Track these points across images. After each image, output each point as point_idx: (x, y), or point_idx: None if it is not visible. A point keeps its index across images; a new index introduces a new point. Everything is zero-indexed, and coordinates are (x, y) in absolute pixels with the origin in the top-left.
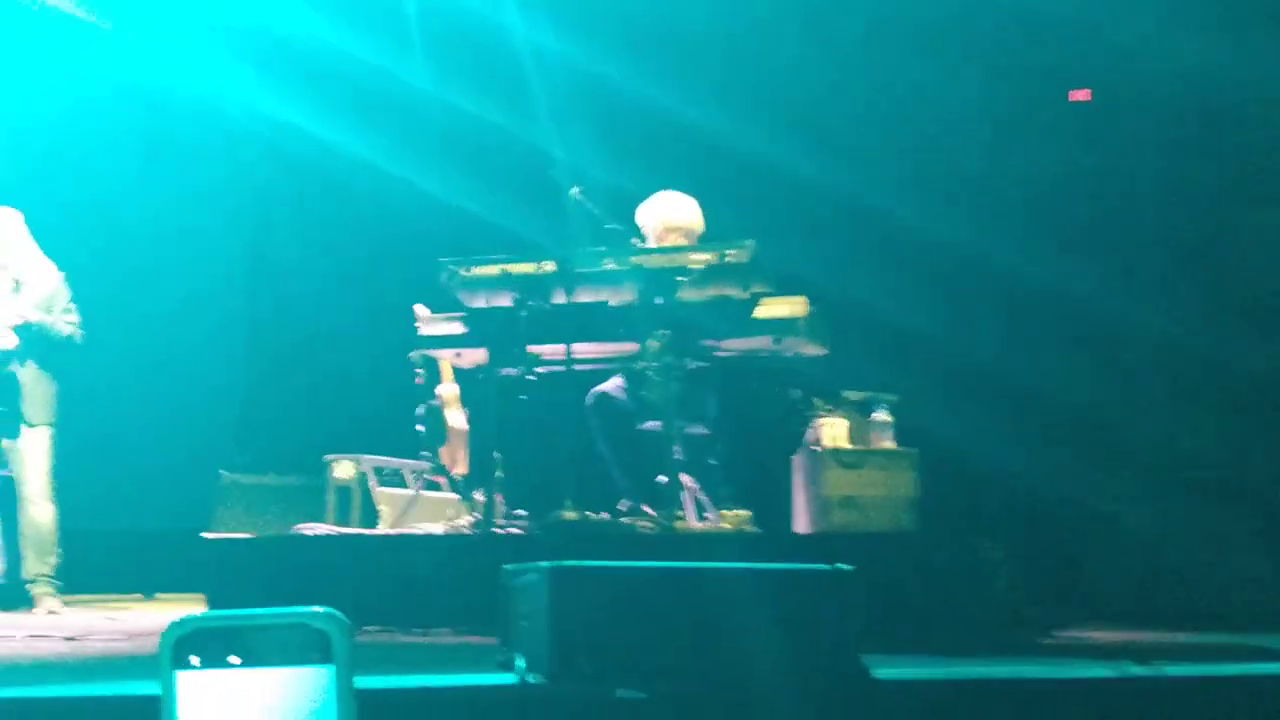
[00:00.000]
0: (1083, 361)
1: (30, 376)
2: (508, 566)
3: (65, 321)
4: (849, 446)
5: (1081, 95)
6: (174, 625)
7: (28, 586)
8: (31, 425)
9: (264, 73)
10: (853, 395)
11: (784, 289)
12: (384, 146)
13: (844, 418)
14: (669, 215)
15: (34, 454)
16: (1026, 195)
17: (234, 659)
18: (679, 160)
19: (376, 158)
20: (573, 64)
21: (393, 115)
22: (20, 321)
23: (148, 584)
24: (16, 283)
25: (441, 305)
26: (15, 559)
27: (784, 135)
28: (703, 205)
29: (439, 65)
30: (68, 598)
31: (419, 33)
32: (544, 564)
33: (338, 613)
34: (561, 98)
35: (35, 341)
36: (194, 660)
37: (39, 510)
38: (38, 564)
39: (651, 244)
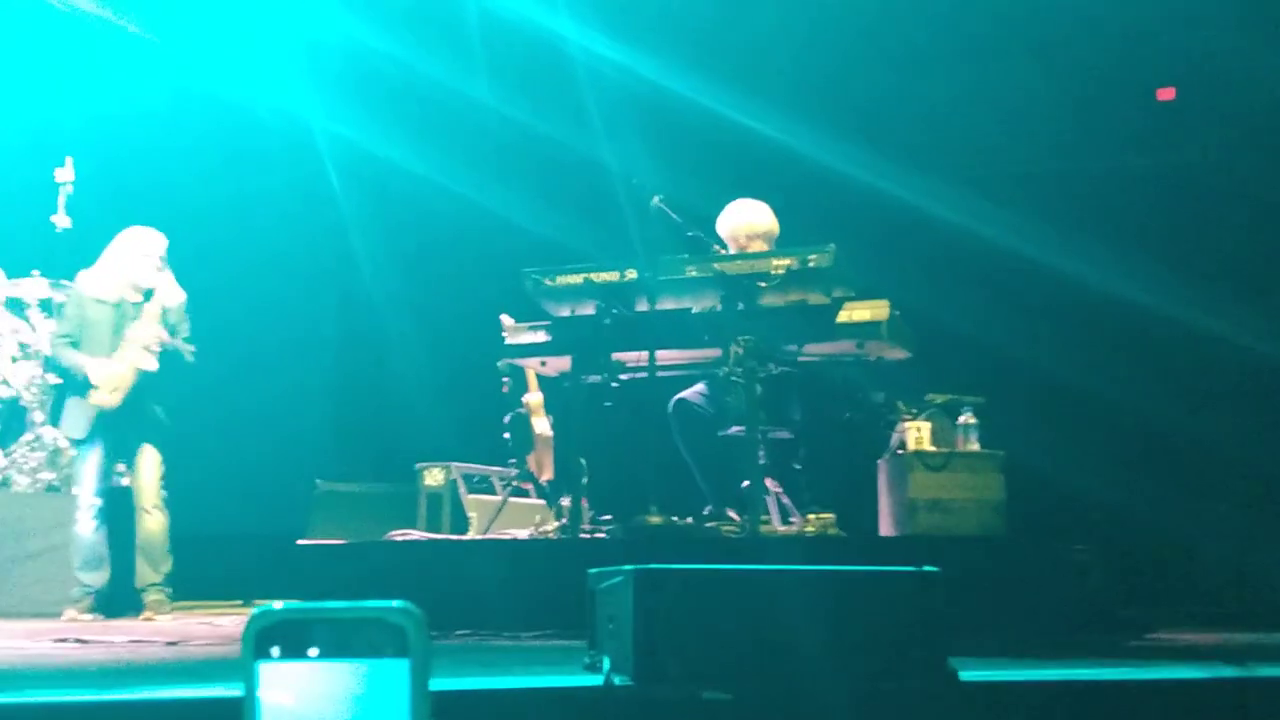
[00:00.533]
0: (1171, 372)
1: (149, 388)
2: (593, 570)
3: (187, 344)
4: (934, 449)
5: (1167, 94)
6: (256, 617)
7: (141, 595)
8: (150, 434)
9: (350, 99)
10: (937, 398)
11: (866, 294)
12: (465, 163)
13: (928, 421)
14: (748, 221)
15: (149, 464)
16: (1108, 200)
17: (313, 651)
18: (747, 171)
19: (460, 174)
20: (637, 79)
21: (472, 135)
22: (158, 345)
23: (246, 591)
24: (146, 293)
25: (526, 314)
26: (121, 567)
27: (855, 143)
28: (778, 216)
29: (524, 91)
30: (171, 604)
31: (486, 56)
32: (629, 567)
33: (413, 607)
34: (627, 114)
35: (165, 365)
36: (275, 651)
37: (153, 519)
38: (151, 572)
39: (732, 251)
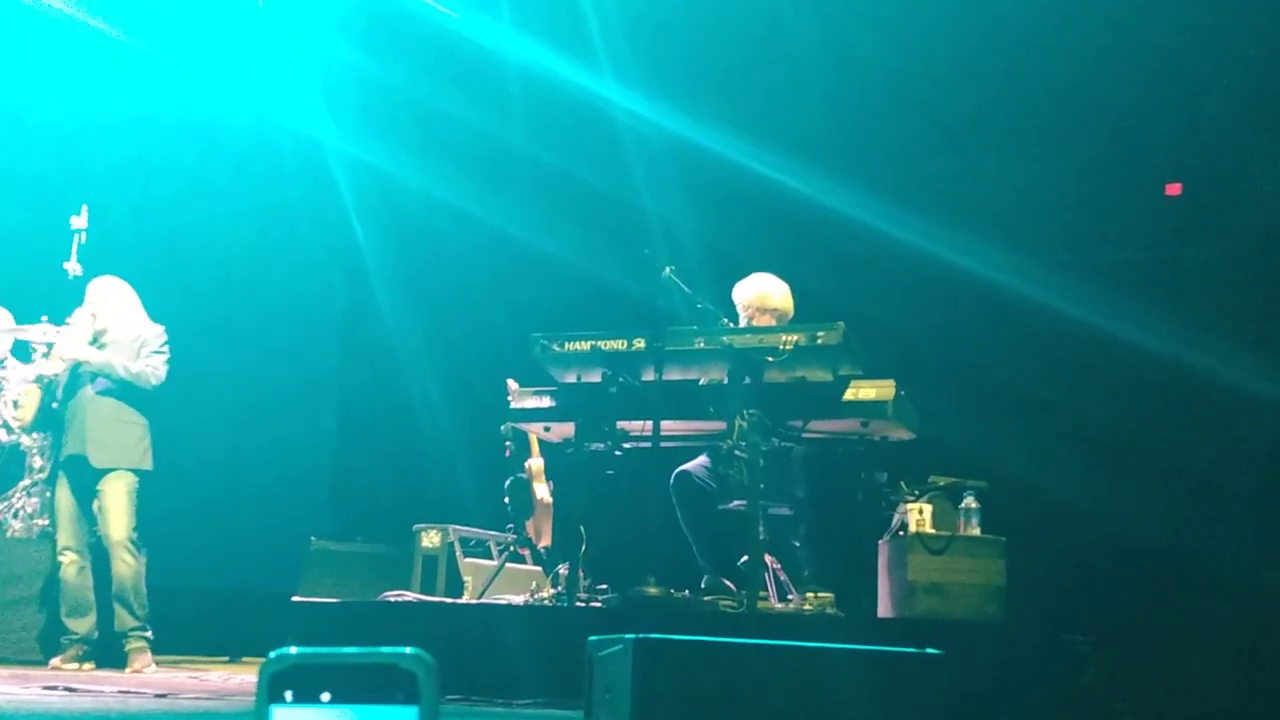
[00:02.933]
0: (1169, 473)
1: (102, 421)
2: (593, 638)
3: (143, 363)
4: (935, 532)
5: (1174, 190)
6: (270, 661)
7: (122, 643)
8: (103, 470)
9: (375, 148)
10: (940, 481)
11: (873, 372)
12: (474, 222)
13: (930, 503)
14: (762, 294)
15: (115, 500)
16: (1114, 291)
17: (325, 696)
18: (772, 228)
19: (468, 234)
20: (671, 135)
21: (484, 190)
22: (72, 357)
23: (233, 646)
24: (96, 334)
25: (532, 379)
26: (106, 614)
27: (882, 213)
28: (795, 279)
29: (541, 141)
30: (155, 656)
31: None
32: (629, 636)
33: (425, 654)
34: (660, 168)
35: (116, 385)
36: (288, 695)
37: (123, 563)
38: (128, 617)
39: (743, 323)
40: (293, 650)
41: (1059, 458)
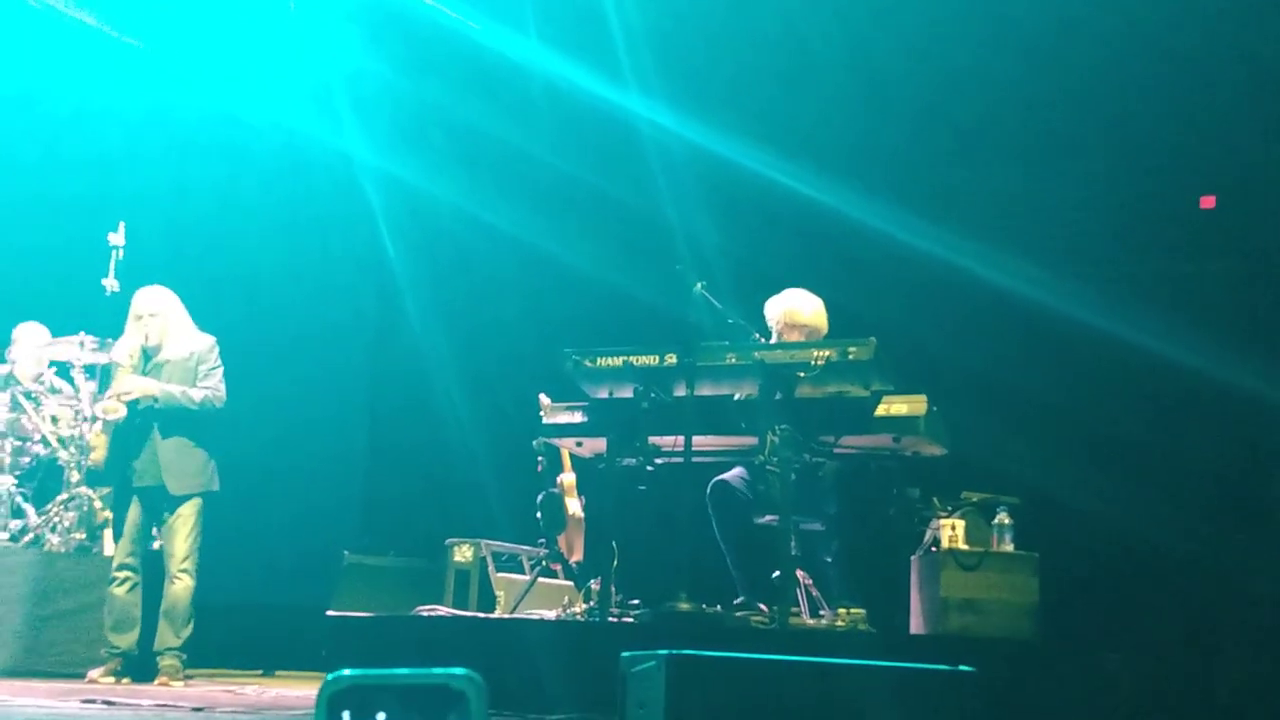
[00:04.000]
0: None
1: (173, 448)
2: (625, 654)
3: (203, 388)
4: (968, 548)
5: (1209, 202)
6: (329, 682)
7: (157, 658)
8: (181, 497)
9: (408, 166)
10: (973, 497)
11: (904, 388)
12: (505, 238)
13: (963, 519)
14: (794, 313)
15: (182, 527)
16: (1146, 305)
17: (380, 715)
18: (801, 241)
19: (499, 250)
20: (698, 149)
21: (515, 206)
22: (134, 395)
23: (267, 660)
24: (146, 351)
25: (564, 394)
26: (151, 631)
27: (912, 226)
28: (825, 292)
29: (569, 155)
30: (189, 670)
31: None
32: (662, 652)
33: (476, 675)
34: (688, 182)
35: (168, 414)
36: (345, 716)
37: (181, 583)
38: (171, 637)
39: (775, 339)
40: (348, 672)
41: (1092, 474)
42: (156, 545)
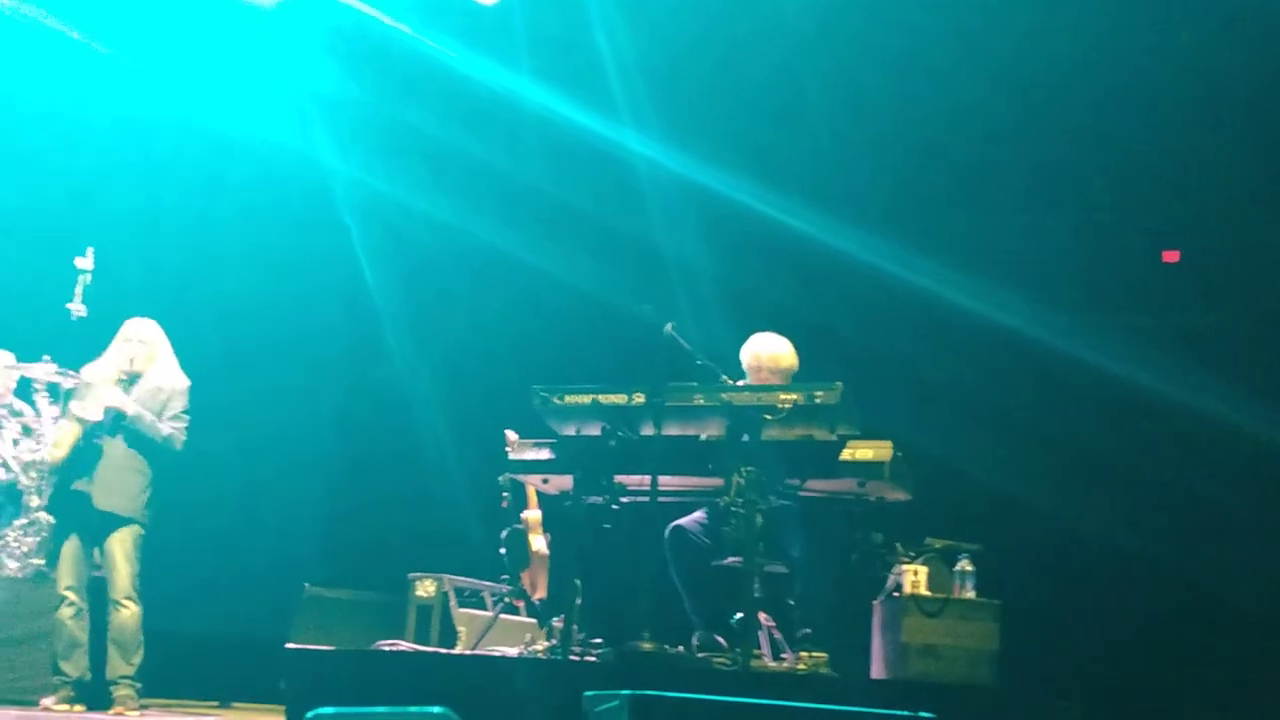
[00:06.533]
0: (1168, 524)
1: (115, 465)
2: (589, 694)
3: (171, 425)
4: (930, 594)
5: (1172, 256)
6: (309, 718)
7: (110, 688)
8: (120, 519)
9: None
10: (936, 543)
11: (870, 433)
12: (481, 267)
13: (926, 565)
14: (776, 356)
15: (121, 553)
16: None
17: None
18: (785, 272)
19: (474, 280)
20: (684, 180)
21: (494, 233)
22: (115, 405)
23: (224, 691)
24: (131, 376)
25: (532, 431)
26: (98, 658)
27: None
28: (804, 323)
29: (552, 183)
30: (145, 700)
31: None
32: (625, 692)
33: (452, 713)
34: (673, 212)
35: (129, 430)
36: None
37: (127, 610)
38: (122, 664)
39: (750, 379)
40: (328, 711)
41: (1056, 522)
42: (99, 573)
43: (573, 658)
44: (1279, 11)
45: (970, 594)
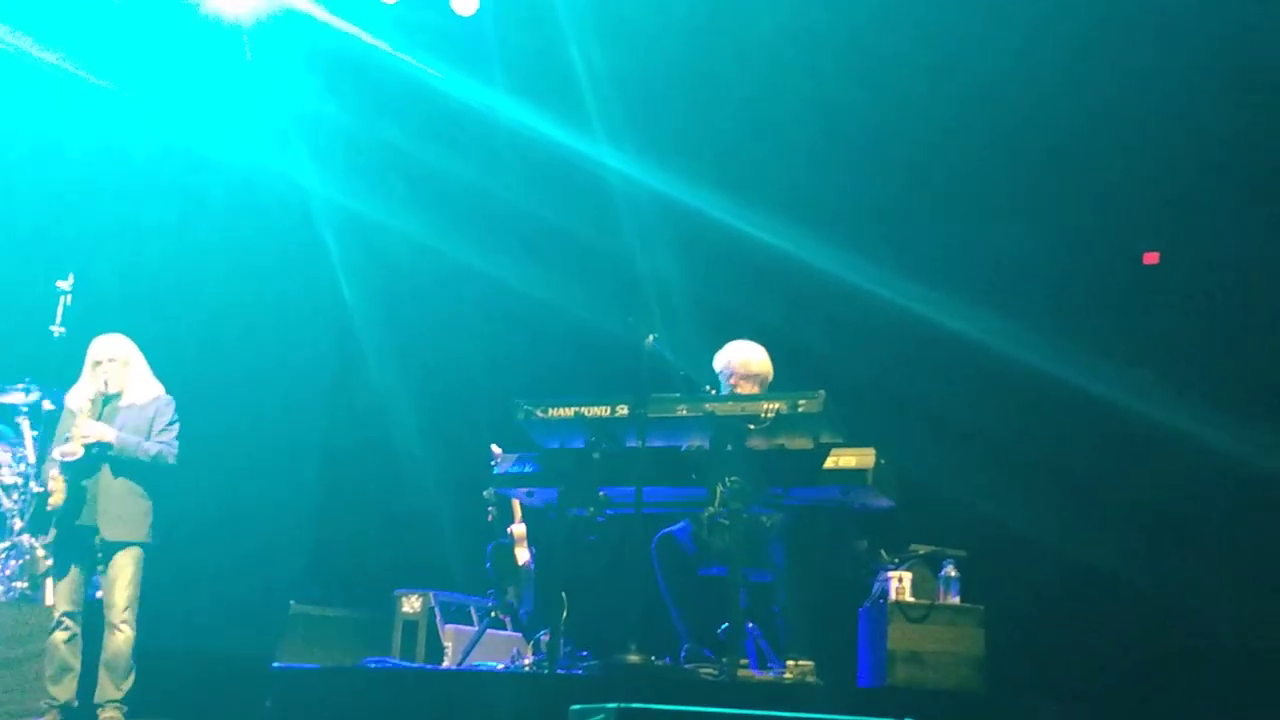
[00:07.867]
0: (1152, 534)
1: (118, 494)
2: (575, 707)
3: (159, 441)
4: (915, 601)
5: (1152, 258)
6: None
7: (98, 710)
8: (117, 544)
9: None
10: (920, 549)
11: (854, 440)
12: (462, 284)
13: (910, 571)
14: (747, 362)
15: (122, 575)
16: (1090, 358)
17: None
18: (761, 288)
19: (455, 298)
20: (660, 195)
21: (473, 252)
22: (95, 439)
23: (209, 711)
24: (105, 397)
25: (516, 445)
26: (90, 681)
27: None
28: (783, 339)
29: (531, 201)
30: None
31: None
32: (611, 705)
33: None
34: (649, 227)
35: (118, 460)
36: None
37: (121, 634)
38: (112, 689)
39: (724, 388)
40: None
41: (1039, 527)
42: (99, 594)
43: (559, 671)
44: (1253, 20)
45: (955, 599)
